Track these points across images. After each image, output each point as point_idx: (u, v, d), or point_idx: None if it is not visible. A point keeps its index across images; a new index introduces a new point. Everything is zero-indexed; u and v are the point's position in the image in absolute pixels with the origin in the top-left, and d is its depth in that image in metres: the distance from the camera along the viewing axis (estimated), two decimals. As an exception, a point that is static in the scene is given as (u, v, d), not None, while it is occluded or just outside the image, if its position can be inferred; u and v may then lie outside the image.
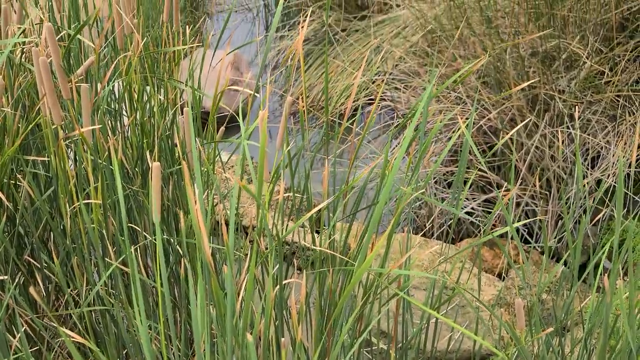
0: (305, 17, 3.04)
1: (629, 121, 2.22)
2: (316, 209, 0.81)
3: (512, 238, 2.18)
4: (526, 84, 0.97)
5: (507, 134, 2.27)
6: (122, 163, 1.24)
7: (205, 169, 1.33)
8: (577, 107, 2.22)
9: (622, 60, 2.27)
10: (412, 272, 0.69)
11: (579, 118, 2.19)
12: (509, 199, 1.52)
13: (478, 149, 2.38)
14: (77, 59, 1.46)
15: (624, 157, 2.17)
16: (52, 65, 1.18)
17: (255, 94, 1.07)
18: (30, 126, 1.20)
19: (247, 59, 3.27)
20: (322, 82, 2.93)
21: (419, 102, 0.92)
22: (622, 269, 1.99)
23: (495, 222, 2.28)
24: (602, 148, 2.22)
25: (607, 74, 2.25)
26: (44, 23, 1.23)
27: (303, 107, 1.18)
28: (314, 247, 0.92)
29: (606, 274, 1.04)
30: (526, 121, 1.86)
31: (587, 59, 2.21)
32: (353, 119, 2.87)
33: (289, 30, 3.26)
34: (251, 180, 2.36)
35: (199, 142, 1.26)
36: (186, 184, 0.64)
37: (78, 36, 1.30)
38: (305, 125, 1.24)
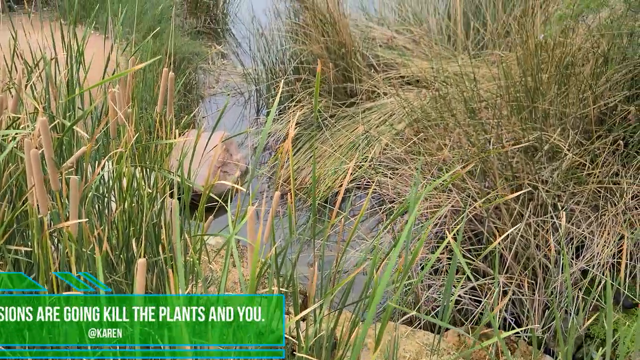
0: (296, 106, 3.13)
1: (612, 212, 2.26)
2: (303, 313, 0.80)
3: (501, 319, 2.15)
4: (517, 193, 0.99)
5: (492, 222, 2.29)
6: (106, 253, 1.22)
7: (191, 259, 1.32)
8: (560, 197, 2.26)
9: (602, 153, 2.33)
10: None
11: (562, 208, 2.23)
12: (495, 288, 1.52)
13: (463, 236, 2.39)
14: (70, 145, 1.48)
15: (607, 247, 2.18)
16: (43, 156, 1.19)
17: (242, 189, 1.09)
18: (16, 213, 1.19)
19: (237, 141, 3.32)
20: (310, 165, 2.97)
21: (409, 198, 0.93)
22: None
23: (483, 309, 2.25)
24: (585, 238, 2.24)
25: (588, 166, 2.30)
26: (39, 114, 1.26)
27: (292, 193, 1.19)
28: (300, 355, 0.90)
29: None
30: (516, 227, 1.89)
31: (569, 151, 2.27)
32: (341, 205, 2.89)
33: (279, 114, 3.34)
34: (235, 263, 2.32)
35: (186, 233, 1.26)
36: (171, 292, 0.64)
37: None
38: (292, 208, 1.25)
